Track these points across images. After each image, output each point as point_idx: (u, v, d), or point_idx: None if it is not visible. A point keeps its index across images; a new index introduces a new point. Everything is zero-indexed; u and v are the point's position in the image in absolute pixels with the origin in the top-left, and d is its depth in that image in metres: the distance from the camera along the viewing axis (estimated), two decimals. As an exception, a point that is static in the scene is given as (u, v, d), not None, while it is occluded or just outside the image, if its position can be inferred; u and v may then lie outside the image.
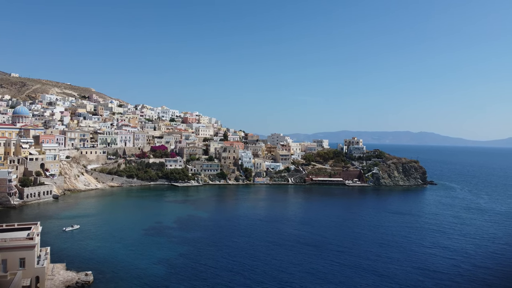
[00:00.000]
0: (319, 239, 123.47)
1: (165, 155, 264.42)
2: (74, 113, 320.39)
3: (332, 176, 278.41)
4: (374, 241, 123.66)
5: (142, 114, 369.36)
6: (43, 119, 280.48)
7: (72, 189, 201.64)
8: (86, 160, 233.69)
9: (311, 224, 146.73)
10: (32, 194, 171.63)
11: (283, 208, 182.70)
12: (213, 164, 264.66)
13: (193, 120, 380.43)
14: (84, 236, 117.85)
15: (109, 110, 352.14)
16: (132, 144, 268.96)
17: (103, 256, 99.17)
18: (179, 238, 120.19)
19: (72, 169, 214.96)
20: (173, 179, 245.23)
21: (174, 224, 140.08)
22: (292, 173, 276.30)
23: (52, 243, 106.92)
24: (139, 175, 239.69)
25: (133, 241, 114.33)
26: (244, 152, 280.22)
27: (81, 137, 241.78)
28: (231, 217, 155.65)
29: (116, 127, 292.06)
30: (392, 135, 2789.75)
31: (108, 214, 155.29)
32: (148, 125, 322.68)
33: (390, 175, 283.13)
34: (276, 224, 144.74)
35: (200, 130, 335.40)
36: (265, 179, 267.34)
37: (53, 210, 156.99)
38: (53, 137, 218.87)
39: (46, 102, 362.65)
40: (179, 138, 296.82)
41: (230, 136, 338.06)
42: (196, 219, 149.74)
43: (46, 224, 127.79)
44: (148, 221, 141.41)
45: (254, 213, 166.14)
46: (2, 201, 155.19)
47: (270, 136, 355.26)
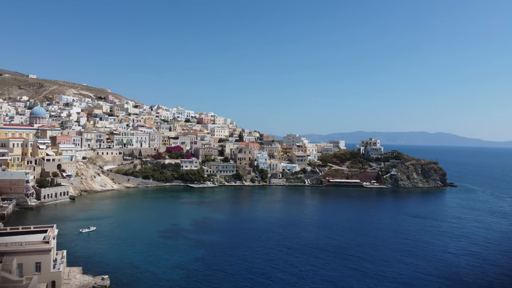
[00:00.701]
0: (338, 244, 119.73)
1: (180, 156, 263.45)
2: (90, 114, 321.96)
3: (349, 177, 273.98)
4: (395, 247, 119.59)
5: (158, 115, 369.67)
6: (60, 120, 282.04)
7: (88, 190, 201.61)
8: (102, 160, 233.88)
9: (329, 227, 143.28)
10: (49, 195, 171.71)
11: (300, 211, 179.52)
12: (228, 165, 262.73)
13: (208, 120, 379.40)
14: (101, 238, 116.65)
15: (124, 111, 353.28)
16: (147, 144, 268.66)
17: (120, 259, 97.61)
18: (195, 241, 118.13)
19: (88, 170, 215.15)
20: (188, 180, 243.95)
21: (190, 226, 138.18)
22: (309, 174, 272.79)
23: (68, 245, 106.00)
24: (155, 176, 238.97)
25: (149, 244, 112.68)
26: (259, 153, 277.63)
27: (97, 138, 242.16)
28: (247, 220, 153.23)
29: (132, 127, 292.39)
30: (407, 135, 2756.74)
31: (124, 215, 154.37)
32: (164, 126, 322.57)
33: (409, 177, 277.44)
34: (293, 228, 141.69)
35: (215, 131, 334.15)
36: (281, 181, 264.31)
37: (70, 211, 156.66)
38: (69, 137, 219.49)
39: (63, 103, 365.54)
40: (194, 139, 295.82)
41: (245, 137, 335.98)
42: (212, 222, 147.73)
43: (63, 226, 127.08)
44: (164, 223, 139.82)
45: (271, 215, 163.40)
46: (19, 202, 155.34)
47: (286, 136, 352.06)
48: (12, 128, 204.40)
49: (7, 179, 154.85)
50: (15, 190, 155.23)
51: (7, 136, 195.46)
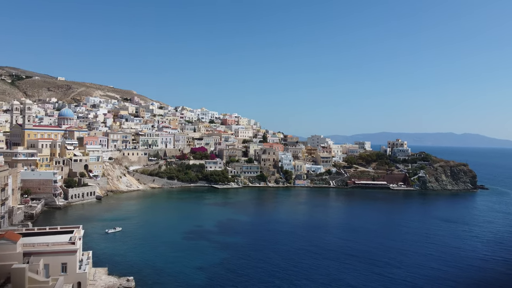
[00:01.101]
0: (364, 249, 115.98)
1: (204, 156, 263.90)
2: (116, 115, 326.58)
3: (375, 179, 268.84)
4: (423, 252, 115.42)
5: (182, 116, 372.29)
6: (87, 121, 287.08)
7: (114, 190, 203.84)
8: (128, 161, 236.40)
9: (354, 231, 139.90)
10: (76, 195, 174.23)
11: (325, 213, 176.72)
12: (252, 166, 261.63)
13: (232, 121, 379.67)
14: (126, 239, 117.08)
15: (150, 112, 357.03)
16: (172, 145, 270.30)
17: (145, 261, 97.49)
18: (220, 243, 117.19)
19: (114, 170, 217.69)
20: (212, 181, 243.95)
21: (214, 227, 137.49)
22: (334, 175, 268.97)
23: (94, 245, 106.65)
24: (180, 177, 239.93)
25: (174, 245, 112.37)
26: (284, 154, 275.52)
27: (123, 139, 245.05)
28: (271, 221, 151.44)
29: (157, 128, 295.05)
30: (433, 136, 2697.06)
31: (150, 216, 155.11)
32: (188, 127, 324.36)
33: (438, 179, 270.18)
34: (318, 230, 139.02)
35: (239, 132, 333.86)
36: (306, 182, 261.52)
37: (96, 212, 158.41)
38: (96, 138, 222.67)
39: (90, 104, 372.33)
40: (218, 139, 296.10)
41: (269, 138, 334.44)
42: (236, 223, 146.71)
43: (89, 226, 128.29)
44: (188, 224, 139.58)
45: (295, 217, 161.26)
46: (48, 201, 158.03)
47: (310, 137, 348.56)
48: (41, 129, 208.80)
49: (36, 179, 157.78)
50: (43, 190, 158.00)
51: (36, 137, 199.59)
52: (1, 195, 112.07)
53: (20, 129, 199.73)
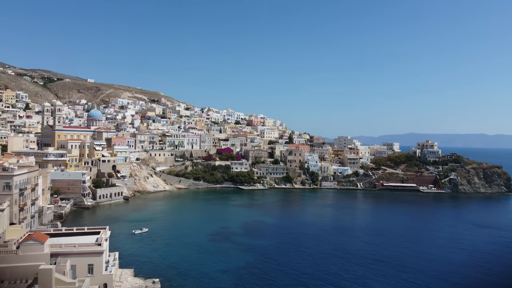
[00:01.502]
0: (393, 255, 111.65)
1: (230, 157, 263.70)
2: (144, 116, 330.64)
3: (404, 181, 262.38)
4: (457, 259, 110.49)
5: (208, 117, 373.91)
6: (115, 122, 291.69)
7: (141, 190, 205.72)
8: (154, 162, 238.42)
9: (383, 235, 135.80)
10: (104, 195, 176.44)
11: (352, 216, 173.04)
12: (278, 167, 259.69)
13: (258, 122, 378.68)
14: (152, 240, 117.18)
15: (176, 113, 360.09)
16: (198, 146, 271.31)
17: (170, 262, 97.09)
18: (246, 245, 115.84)
19: (141, 171, 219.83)
20: (238, 182, 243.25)
21: (240, 229, 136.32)
22: (361, 177, 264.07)
23: (121, 246, 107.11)
24: (205, 178, 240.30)
25: (200, 247, 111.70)
26: (310, 155, 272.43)
27: (150, 140, 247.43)
28: (297, 224, 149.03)
29: (183, 129, 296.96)
30: (463, 137, 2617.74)
31: (176, 217, 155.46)
32: (214, 128, 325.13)
33: (470, 182, 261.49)
34: (345, 234, 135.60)
35: (265, 133, 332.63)
36: (333, 184, 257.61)
37: (123, 212, 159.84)
38: (124, 139, 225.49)
39: (118, 106, 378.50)
40: (244, 140, 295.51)
41: (295, 139, 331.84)
42: (262, 225, 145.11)
43: (116, 226, 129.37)
44: (214, 226, 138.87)
45: (321, 220, 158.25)
46: (76, 201, 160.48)
47: (337, 139, 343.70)
48: (70, 130, 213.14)
49: (65, 179, 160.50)
50: (72, 190, 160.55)
51: (66, 137, 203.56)
52: (31, 195, 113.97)
53: (51, 130, 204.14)
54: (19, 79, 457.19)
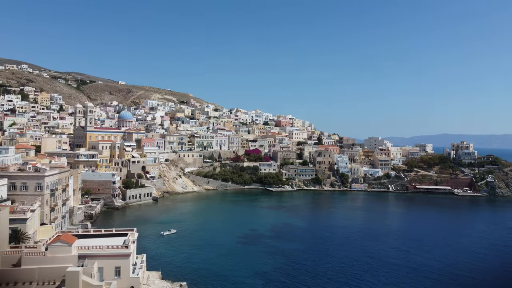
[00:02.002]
0: (428, 263, 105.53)
1: (259, 158, 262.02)
2: (173, 117, 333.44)
3: (438, 184, 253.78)
4: (500, 269, 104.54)
5: (237, 117, 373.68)
6: (145, 123, 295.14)
7: (170, 191, 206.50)
8: (183, 163, 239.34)
9: (418, 240, 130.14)
10: (134, 196, 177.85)
11: (383, 220, 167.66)
12: (307, 168, 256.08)
13: (287, 123, 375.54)
14: (180, 242, 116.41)
15: (205, 114, 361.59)
16: (227, 147, 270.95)
17: (198, 265, 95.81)
18: (275, 248, 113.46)
19: (170, 171, 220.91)
20: (267, 184, 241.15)
21: (269, 232, 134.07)
22: (393, 179, 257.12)
23: (149, 248, 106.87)
24: (234, 179, 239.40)
25: (228, 250, 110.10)
26: (339, 156, 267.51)
27: (179, 141, 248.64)
28: (327, 227, 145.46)
29: (212, 130, 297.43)
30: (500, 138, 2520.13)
31: (204, 218, 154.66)
32: (242, 129, 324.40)
33: (508, 185, 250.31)
34: (377, 239, 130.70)
35: (293, 134, 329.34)
36: (363, 186, 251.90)
37: (152, 213, 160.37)
38: (153, 140, 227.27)
39: (148, 107, 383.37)
40: (272, 141, 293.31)
41: (324, 140, 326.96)
42: (291, 228, 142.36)
43: (145, 228, 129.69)
44: (242, 228, 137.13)
45: (352, 224, 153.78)
46: (106, 202, 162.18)
47: (367, 139, 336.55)
48: (101, 131, 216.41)
49: (96, 179, 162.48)
50: (103, 191, 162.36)
51: (97, 138, 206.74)
52: (62, 196, 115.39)
53: (83, 131, 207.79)
54: (53, 82, 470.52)
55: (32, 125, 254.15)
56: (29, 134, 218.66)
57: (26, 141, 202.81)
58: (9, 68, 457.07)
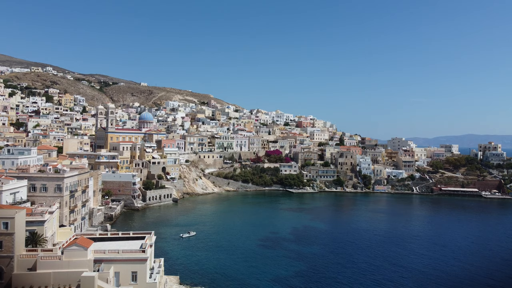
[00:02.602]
0: (461, 272, 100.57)
1: (279, 160, 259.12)
2: (193, 118, 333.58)
3: (464, 186, 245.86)
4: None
5: (257, 118, 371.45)
6: (166, 125, 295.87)
7: (190, 192, 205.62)
8: (203, 164, 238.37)
9: (445, 246, 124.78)
10: (154, 197, 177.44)
11: (408, 223, 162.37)
12: (329, 170, 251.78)
13: (308, 124, 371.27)
14: (200, 245, 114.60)
15: (225, 115, 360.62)
16: (247, 148, 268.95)
17: (218, 269, 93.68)
18: (296, 252, 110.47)
19: (191, 173, 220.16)
20: (287, 185, 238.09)
21: (290, 235, 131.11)
22: (417, 181, 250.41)
23: (169, 250, 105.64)
24: (254, 180, 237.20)
25: (248, 253, 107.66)
26: (362, 157, 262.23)
27: (199, 142, 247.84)
28: (350, 231, 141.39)
29: (232, 131, 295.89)
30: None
31: (224, 220, 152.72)
32: (263, 130, 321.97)
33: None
34: (401, 244, 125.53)
35: (314, 134, 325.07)
36: (386, 188, 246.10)
37: (172, 214, 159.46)
38: (173, 141, 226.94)
39: (169, 108, 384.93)
40: (293, 142, 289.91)
41: (346, 141, 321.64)
42: (313, 231, 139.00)
43: (164, 230, 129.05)
44: (263, 231, 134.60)
45: (375, 227, 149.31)
46: (127, 203, 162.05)
47: (391, 140, 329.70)
48: (122, 132, 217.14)
49: (116, 181, 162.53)
50: (123, 192, 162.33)
51: (118, 139, 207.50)
52: (82, 197, 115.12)
53: (104, 132, 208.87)
54: (77, 84, 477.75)
55: (56, 126, 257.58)
56: (52, 135, 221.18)
57: (49, 142, 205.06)
58: (35, 71, 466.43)
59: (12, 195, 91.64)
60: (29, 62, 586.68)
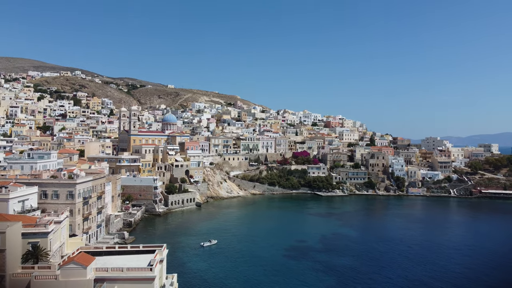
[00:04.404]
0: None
1: (307, 161, 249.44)
2: (219, 119, 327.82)
3: (507, 188, 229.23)
4: None
5: (284, 119, 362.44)
6: (191, 126, 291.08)
7: (214, 196, 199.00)
8: (228, 166, 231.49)
9: (490, 257, 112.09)
10: (176, 202, 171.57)
11: (447, 229, 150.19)
12: (359, 171, 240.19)
13: (336, 124, 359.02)
14: (220, 255, 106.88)
15: (252, 116, 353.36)
16: (273, 150, 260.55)
17: (238, 284, 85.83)
18: (324, 264, 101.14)
19: (215, 175, 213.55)
20: (316, 188, 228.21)
21: (318, 244, 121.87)
22: (455, 183, 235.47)
23: (186, 261, 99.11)
24: (281, 183, 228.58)
25: (272, 265, 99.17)
26: (394, 158, 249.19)
27: (224, 143, 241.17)
28: (381, 239, 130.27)
29: (258, 132, 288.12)
30: None
31: (248, 226, 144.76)
32: (290, 130, 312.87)
33: None
34: (439, 254, 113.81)
35: (344, 135, 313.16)
36: (421, 190, 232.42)
37: (195, 220, 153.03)
38: (197, 143, 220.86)
39: (195, 110, 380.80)
40: (321, 143, 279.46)
41: (377, 141, 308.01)
42: (343, 239, 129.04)
43: (185, 238, 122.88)
44: (289, 239, 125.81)
45: (410, 235, 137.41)
46: (148, 208, 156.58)
47: (424, 140, 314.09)
48: (145, 135, 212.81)
49: (137, 185, 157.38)
50: (144, 196, 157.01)
51: (141, 142, 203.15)
52: (97, 203, 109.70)
53: (127, 135, 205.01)
54: (105, 87, 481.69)
55: (81, 129, 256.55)
56: (77, 138, 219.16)
57: (73, 145, 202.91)
58: (64, 75, 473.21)
59: (21, 203, 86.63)
60: (60, 67, 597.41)
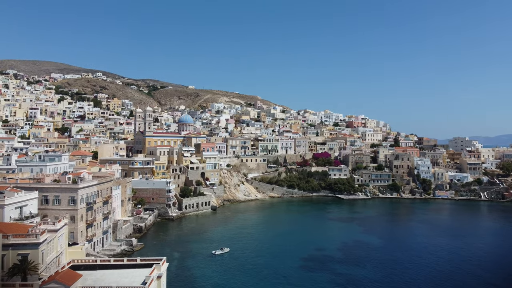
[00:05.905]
0: None
1: (328, 163, 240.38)
2: (238, 120, 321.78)
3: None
4: None
5: (304, 119, 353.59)
6: (209, 127, 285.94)
7: (231, 199, 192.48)
8: (246, 168, 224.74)
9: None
10: (191, 205, 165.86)
11: (479, 237, 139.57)
12: (383, 173, 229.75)
13: (359, 124, 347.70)
14: (231, 265, 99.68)
15: (271, 116, 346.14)
16: (293, 151, 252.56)
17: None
18: (344, 277, 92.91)
19: (232, 178, 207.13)
20: (337, 191, 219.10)
21: (337, 253, 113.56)
22: (485, 186, 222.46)
23: (195, 272, 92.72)
24: (300, 185, 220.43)
25: (287, 278, 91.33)
26: (420, 159, 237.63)
27: (242, 145, 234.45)
28: (408, 248, 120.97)
29: (277, 133, 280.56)
30: None
31: (264, 233, 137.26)
32: (310, 131, 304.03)
33: None
34: (470, 267, 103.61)
35: (366, 135, 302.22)
36: (449, 193, 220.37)
37: (209, 225, 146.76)
38: (213, 145, 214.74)
39: (214, 110, 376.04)
40: (343, 144, 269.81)
41: (402, 141, 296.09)
42: (365, 248, 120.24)
43: (196, 245, 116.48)
44: (307, 247, 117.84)
45: (438, 244, 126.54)
46: (161, 212, 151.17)
47: (452, 140, 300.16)
48: (160, 136, 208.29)
49: (149, 188, 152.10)
50: (157, 200, 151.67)
51: (156, 144, 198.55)
52: (103, 209, 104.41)
53: (142, 136, 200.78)
54: (126, 88, 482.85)
55: (98, 131, 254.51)
56: (93, 140, 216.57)
57: (88, 147, 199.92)
58: (85, 77, 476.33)
59: (18, 209, 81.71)
60: (83, 69, 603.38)
